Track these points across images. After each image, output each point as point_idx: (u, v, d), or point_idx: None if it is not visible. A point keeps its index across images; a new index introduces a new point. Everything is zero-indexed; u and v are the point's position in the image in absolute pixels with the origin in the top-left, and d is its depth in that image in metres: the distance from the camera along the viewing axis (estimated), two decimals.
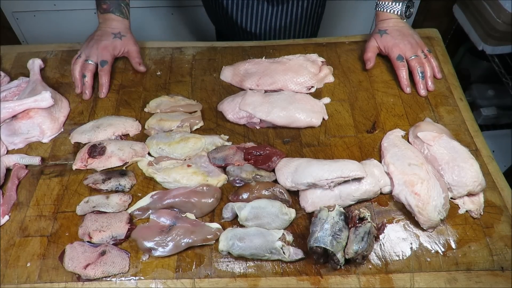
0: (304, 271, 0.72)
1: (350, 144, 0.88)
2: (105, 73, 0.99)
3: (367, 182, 0.77)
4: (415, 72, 0.97)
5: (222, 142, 0.88)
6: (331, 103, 0.96)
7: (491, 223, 0.76)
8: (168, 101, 0.95)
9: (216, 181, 0.81)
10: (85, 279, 0.70)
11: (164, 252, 0.72)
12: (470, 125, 0.91)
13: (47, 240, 0.75)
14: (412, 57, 0.98)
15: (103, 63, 0.99)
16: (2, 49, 1.08)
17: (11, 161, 0.84)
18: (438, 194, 0.74)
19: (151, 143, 0.87)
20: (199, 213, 0.78)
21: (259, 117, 0.89)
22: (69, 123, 0.93)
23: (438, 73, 1.00)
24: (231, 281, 0.71)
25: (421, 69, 0.97)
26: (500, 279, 0.71)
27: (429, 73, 0.98)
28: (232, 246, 0.71)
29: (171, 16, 1.83)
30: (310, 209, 0.77)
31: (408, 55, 0.98)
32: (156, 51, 1.08)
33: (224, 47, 1.09)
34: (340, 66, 1.04)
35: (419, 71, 0.97)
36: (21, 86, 0.97)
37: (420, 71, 0.97)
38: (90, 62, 0.99)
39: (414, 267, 0.72)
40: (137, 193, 0.81)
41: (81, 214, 0.78)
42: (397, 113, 0.94)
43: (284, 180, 0.80)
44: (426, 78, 0.98)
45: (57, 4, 1.76)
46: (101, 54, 0.99)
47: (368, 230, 0.69)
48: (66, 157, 0.87)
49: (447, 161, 0.79)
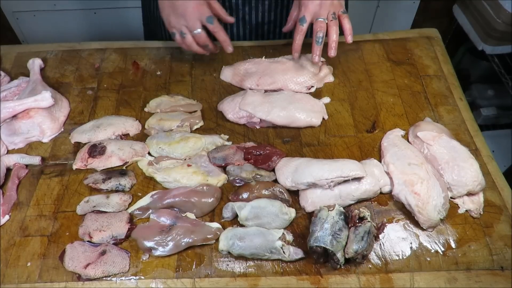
0: (304, 270, 0.72)
1: (350, 143, 0.88)
2: (219, 28, 0.90)
3: (367, 182, 0.77)
4: (314, 36, 0.88)
5: (222, 141, 0.88)
6: (331, 102, 0.96)
7: (490, 223, 0.77)
8: (168, 101, 0.95)
9: (216, 181, 0.81)
10: (86, 279, 0.71)
11: (164, 252, 0.72)
12: (470, 125, 0.92)
13: (47, 239, 0.75)
14: (317, 19, 0.87)
15: (209, 19, 0.89)
16: (2, 49, 1.08)
17: (11, 161, 0.84)
18: (438, 193, 0.74)
19: (151, 142, 0.87)
20: (199, 212, 0.78)
21: (259, 117, 0.90)
22: (69, 122, 0.93)
23: (347, 36, 0.90)
24: (231, 281, 0.71)
25: (321, 34, 0.87)
26: (500, 278, 0.71)
27: (334, 37, 0.88)
28: (232, 246, 0.71)
29: None
30: (310, 209, 0.77)
31: (315, 17, 0.88)
32: (156, 51, 1.09)
33: None
34: (340, 66, 1.04)
35: (318, 35, 0.87)
36: (21, 86, 0.97)
37: (319, 35, 0.87)
38: (198, 32, 0.89)
39: (414, 267, 0.72)
40: (137, 193, 0.81)
41: (81, 213, 0.78)
42: (397, 112, 0.94)
43: (284, 180, 0.80)
44: (328, 44, 0.88)
45: (57, 4, 1.76)
46: (199, 13, 0.88)
47: (368, 229, 0.70)
48: (66, 157, 0.87)
49: (447, 161, 0.79)
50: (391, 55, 1.06)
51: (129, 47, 1.09)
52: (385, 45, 1.08)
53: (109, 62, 1.05)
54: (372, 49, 1.07)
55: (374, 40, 1.10)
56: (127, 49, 1.08)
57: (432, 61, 1.05)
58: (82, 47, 1.09)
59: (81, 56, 1.07)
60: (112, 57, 1.07)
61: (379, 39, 1.10)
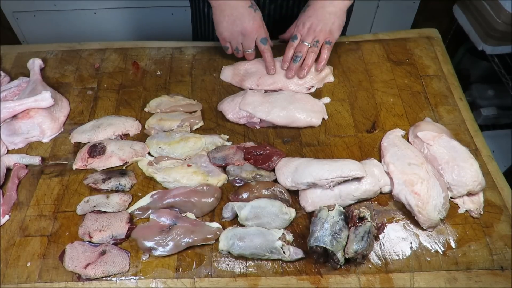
0: (304, 270, 0.72)
1: (350, 143, 0.88)
2: (268, 50, 0.96)
3: (367, 182, 0.77)
4: (292, 55, 0.95)
5: (222, 141, 0.88)
6: (331, 103, 0.96)
7: (490, 223, 0.77)
8: (168, 101, 0.95)
9: (216, 181, 0.81)
10: (85, 279, 0.70)
11: (164, 252, 0.72)
12: (470, 125, 0.92)
13: (47, 239, 0.75)
14: (302, 42, 0.94)
15: (263, 41, 0.95)
16: (2, 49, 1.08)
17: (11, 161, 0.84)
18: (438, 193, 0.74)
19: (151, 142, 0.87)
20: (199, 212, 0.78)
21: (259, 117, 0.90)
22: (69, 123, 0.93)
23: (319, 64, 0.96)
24: (231, 281, 0.71)
25: (300, 54, 0.94)
26: (500, 278, 0.71)
27: (308, 62, 0.94)
28: (232, 246, 0.71)
29: (171, 16, 1.83)
30: (310, 209, 0.77)
31: (303, 39, 0.94)
32: (156, 51, 1.09)
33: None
34: (340, 66, 1.04)
35: (297, 55, 0.94)
36: (21, 86, 0.97)
37: (298, 55, 0.94)
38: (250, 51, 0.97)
39: (414, 267, 0.72)
40: (137, 193, 0.81)
41: (81, 213, 0.78)
42: (397, 112, 0.94)
43: (284, 180, 0.80)
44: (303, 65, 0.94)
45: (57, 4, 1.76)
46: (257, 33, 0.94)
47: (368, 229, 0.70)
48: (66, 157, 0.87)
49: (447, 161, 0.79)
50: (391, 55, 1.06)
51: (129, 47, 1.09)
52: (385, 45, 1.08)
53: (109, 62, 1.06)
54: (372, 49, 1.07)
55: (374, 40, 1.10)
56: (127, 49, 1.08)
57: (432, 61, 1.05)
58: (82, 47, 1.09)
59: (81, 56, 1.07)
60: (112, 57, 1.07)
61: (379, 39, 1.10)
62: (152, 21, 1.84)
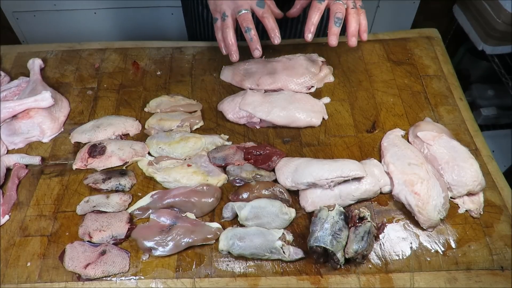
0: (304, 270, 0.72)
1: (350, 143, 0.88)
2: (269, 14, 0.81)
3: (367, 182, 0.77)
4: (332, 16, 0.80)
5: (222, 141, 0.88)
6: (331, 102, 0.96)
7: (491, 223, 0.77)
8: (168, 101, 0.95)
9: (216, 181, 0.81)
10: (85, 279, 0.70)
11: (164, 252, 0.72)
12: (470, 125, 0.92)
13: (47, 239, 0.75)
14: (336, 1, 0.80)
15: (260, 3, 0.80)
16: (2, 49, 1.08)
17: (11, 161, 0.84)
18: (438, 193, 0.74)
19: (151, 142, 0.87)
20: (199, 212, 0.78)
21: (259, 117, 0.90)
22: (69, 122, 0.93)
23: (363, 33, 0.84)
24: (231, 281, 0.71)
25: (341, 16, 0.79)
26: (500, 278, 0.71)
27: (352, 27, 0.81)
28: (232, 246, 0.71)
29: (171, 16, 1.83)
30: (310, 209, 0.77)
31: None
32: (156, 51, 1.09)
33: None
34: (340, 66, 1.04)
35: (337, 16, 0.79)
36: (21, 86, 0.97)
37: (338, 16, 0.79)
38: (244, 12, 0.81)
39: (414, 267, 0.72)
40: (137, 193, 0.81)
41: (81, 213, 0.78)
42: (397, 112, 0.94)
43: (284, 180, 0.80)
44: (349, 32, 0.82)
45: (57, 4, 1.76)
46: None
47: (368, 229, 0.70)
48: (66, 157, 0.87)
49: (447, 161, 0.79)
50: (391, 55, 1.06)
51: (129, 47, 1.09)
52: (385, 45, 1.08)
53: (109, 62, 1.06)
54: (372, 49, 1.07)
55: (374, 40, 1.10)
56: (127, 49, 1.08)
57: (432, 61, 1.05)
58: (82, 47, 1.09)
59: (81, 56, 1.07)
60: (112, 57, 1.07)
61: (379, 39, 1.10)
62: (152, 21, 1.84)
